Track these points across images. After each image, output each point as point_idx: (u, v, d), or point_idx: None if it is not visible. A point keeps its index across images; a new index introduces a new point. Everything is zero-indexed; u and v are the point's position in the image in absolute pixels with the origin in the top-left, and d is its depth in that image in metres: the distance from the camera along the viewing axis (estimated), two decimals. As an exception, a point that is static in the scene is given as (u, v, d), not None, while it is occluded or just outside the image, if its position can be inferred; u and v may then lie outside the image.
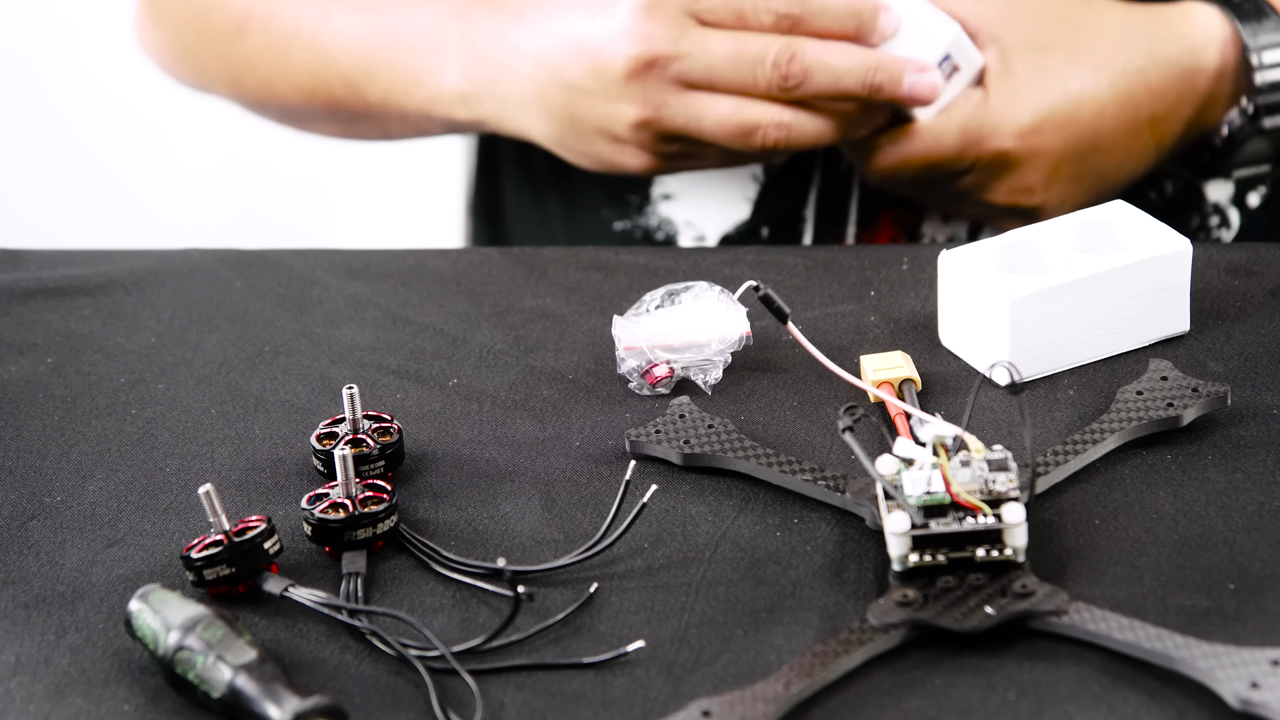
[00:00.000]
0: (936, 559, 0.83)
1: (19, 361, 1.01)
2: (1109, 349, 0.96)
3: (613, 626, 0.83)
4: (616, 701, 0.80)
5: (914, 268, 1.04)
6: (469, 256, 1.11)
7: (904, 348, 0.98)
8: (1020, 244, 0.98)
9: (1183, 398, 0.92)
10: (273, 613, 0.85)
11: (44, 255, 1.10)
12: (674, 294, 0.98)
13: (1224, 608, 0.82)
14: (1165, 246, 0.96)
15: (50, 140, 2.19)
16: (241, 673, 0.79)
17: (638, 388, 0.96)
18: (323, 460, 0.91)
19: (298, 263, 1.08)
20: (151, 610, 0.81)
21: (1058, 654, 0.80)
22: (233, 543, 0.85)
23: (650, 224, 1.20)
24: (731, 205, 1.18)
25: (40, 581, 0.87)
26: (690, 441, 0.92)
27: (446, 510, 0.90)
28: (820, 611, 0.83)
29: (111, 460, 0.94)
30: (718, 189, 1.18)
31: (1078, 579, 0.84)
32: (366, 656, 0.82)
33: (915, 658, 0.81)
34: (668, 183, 1.19)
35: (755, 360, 0.98)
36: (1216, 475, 0.89)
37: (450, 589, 0.86)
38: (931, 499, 0.83)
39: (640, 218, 1.20)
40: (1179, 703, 0.78)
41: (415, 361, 1.00)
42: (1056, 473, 0.89)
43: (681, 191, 1.19)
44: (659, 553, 0.87)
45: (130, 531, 0.90)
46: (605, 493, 0.90)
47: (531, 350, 1.00)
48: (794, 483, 0.89)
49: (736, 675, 0.80)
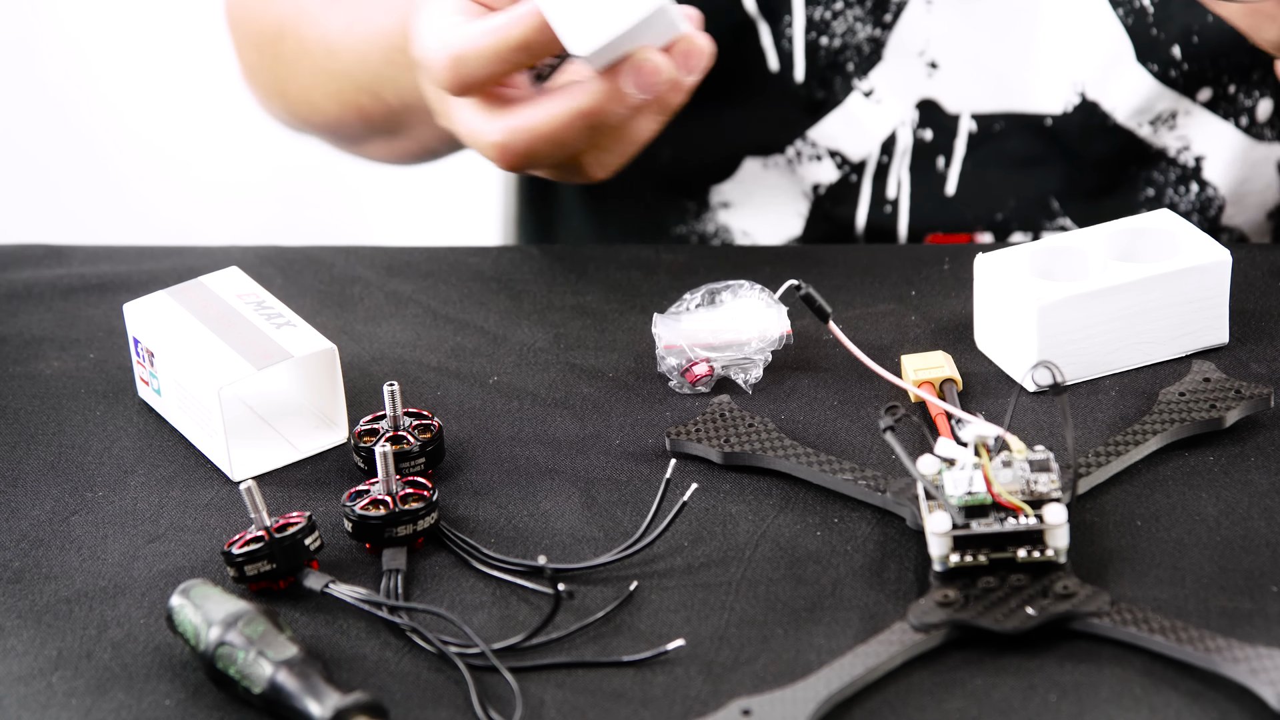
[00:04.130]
0: (978, 559, 0.82)
1: (61, 357, 1.02)
2: (1143, 359, 0.96)
3: (653, 625, 0.83)
4: (656, 700, 0.80)
5: (955, 268, 1.04)
6: (509, 254, 1.11)
7: (945, 348, 0.97)
8: (1058, 249, 0.97)
9: (1225, 399, 0.92)
10: (313, 609, 0.85)
11: (87, 251, 1.10)
12: (715, 292, 0.98)
13: (1266, 610, 0.82)
14: (1203, 257, 0.95)
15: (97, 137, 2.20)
16: (282, 668, 0.79)
17: (678, 386, 0.96)
18: (363, 457, 0.92)
19: (339, 260, 1.08)
20: (193, 606, 0.82)
21: (1099, 655, 0.80)
22: (274, 539, 0.85)
23: (707, 230, 1.20)
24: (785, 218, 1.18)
25: (82, 576, 0.87)
26: (730, 440, 0.92)
27: (486, 507, 0.90)
28: (861, 611, 0.83)
29: (153, 456, 0.94)
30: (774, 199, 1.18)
31: (1119, 580, 0.83)
32: (406, 653, 0.83)
33: (956, 658, 0.81)
34: (725, 190, 1.18)
35: (796, 359, 0.98)
36: (1259, 477, 0.89)
37: (490, 586, 0.86)
38: (973, 499, 0.83)
39: (697, 224, 1.20)
40: (1221, 705, 0.78)
41: (456, 359, 1.00)
42: (1098, 474, 0.89)
43: (739, 200, 1.19)
44: (699, 551, 0.87)
45: (172, 527, 0.90)
46: (645, 491, 0.90)
47: (572, 348, 1.00)
48: (834, 482, 0.89)
49: (776, 674, 0.80)
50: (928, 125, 1.14)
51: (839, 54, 1.13)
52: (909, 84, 1.14)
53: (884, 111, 1.14)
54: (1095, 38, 1.12)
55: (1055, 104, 1.13)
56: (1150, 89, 1.12)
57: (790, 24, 1.13)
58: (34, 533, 0.90)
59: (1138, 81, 1.12)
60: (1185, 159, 1.15)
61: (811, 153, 1.16)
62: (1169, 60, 1.12)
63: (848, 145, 1.15)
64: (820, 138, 1.15)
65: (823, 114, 1.15)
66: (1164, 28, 1.11)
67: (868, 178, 1.16)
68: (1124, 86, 1.13)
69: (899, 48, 1.13)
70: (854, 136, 1.15)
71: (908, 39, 1.13)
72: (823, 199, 1.17)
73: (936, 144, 1.15)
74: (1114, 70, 1.12)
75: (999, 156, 1.15)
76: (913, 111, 1.14)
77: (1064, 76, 1.13)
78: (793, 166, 1.16)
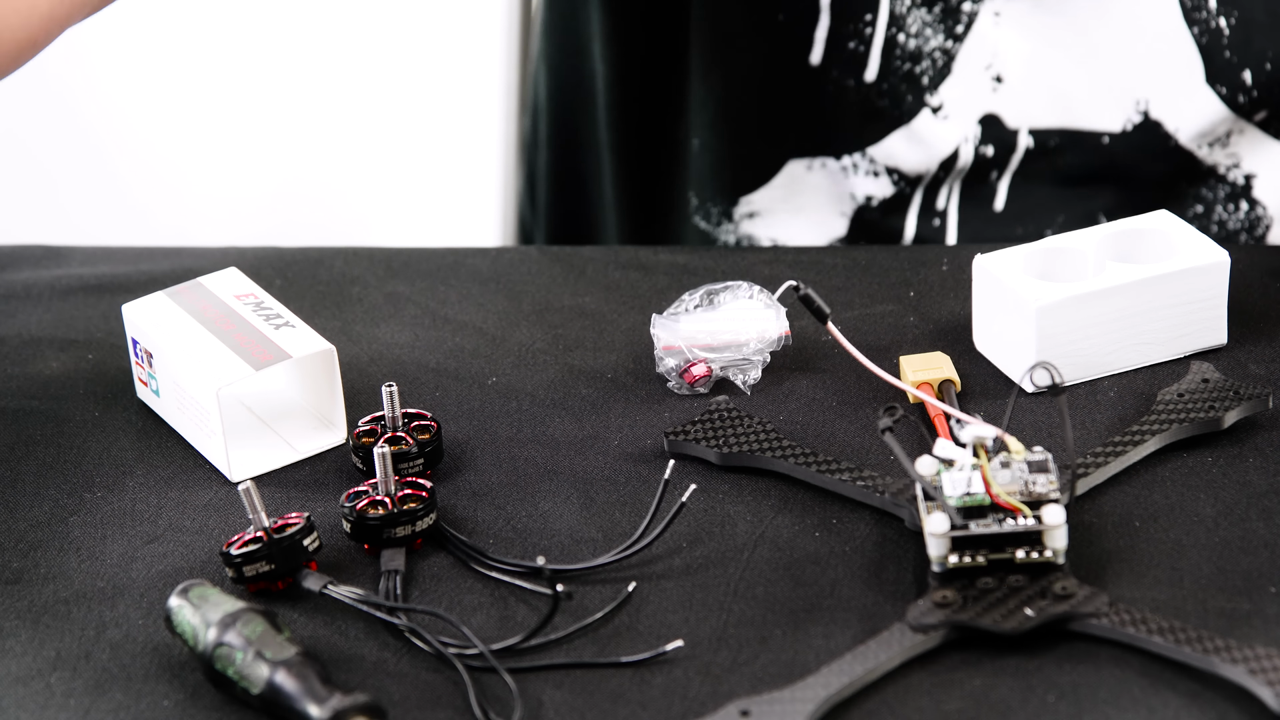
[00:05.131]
0: (976, 560, 0.82)
1: (60, 357, 1.02)
2: (1142, 359, 0.96)
3: (651, 626, 0.83)
4: (655, 701, 0.80)
5: (954, 269, 1.04)
6: (508, 255, 1.11)
7: (943, 348, 0.98)
8: (1056, 250, 0.97)
9: (1224, 400, 0.92)
10: (312, 610, 0.85)
11: (86, 252, 1.10)
12: (713, 293, 0.98)
13: (1265, 610, 0.82)
14: (1202, 258, 0.95)
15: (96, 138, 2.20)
16: (281, 669, 0.79)
17: (676, 387, 0.96)
18: (362, 458, 0.92)
19: (337, 261, 1.08)
20: (191, 606, 0.82)
21: (1098, 656, 0.80)
22: (272, 539, 0.85)
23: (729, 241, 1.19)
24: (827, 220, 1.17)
25: (80, 577, 0.87)
26: (729, 441, 0.92)
27: (485, 508, 0.90)
28: (859, 612, 0.83)
29: (151, 457, 0.94)
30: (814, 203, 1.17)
31: (1118, 581, 0.83)
32: (405, 654, 0.83)
33: (954, 659, 0.81)
34: (755, 201, 1.18)
35: (794, 360, 0.98)
36: (1258, 478, 0.89)
37: (489, 587, 0.86)
38: (971, 500, 0.83)
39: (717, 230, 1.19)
40: (1219, 705, 0.78)
41: (454, 360, 1.00)
42: (1097, 474, 0.89)
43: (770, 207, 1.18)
44: (697, 552, 0.87)
45: (170, 528, 0.90)
46: (644, 492, 0.90)
47: (570, 349, 1.00)
48: (833, 483, 0.89)
49: (775, 675, 0.80)
50: (989, 141, 1.13)
51: (914, 62, 1.11)
52: (975, 99, 1.12)
53: (949, 129, 1.13)
54: (1166, 56, 1.10)
55: (1115, 122, 1.12)
56: (1216, 112, 1.11)
57: (872, 20, 1.11)
58: (32, 533, 0.90)
59: (1204, 103, 1.11)
60: (1235, 176, 1.13)
61: (869, 168, 1.15)
62: (1238, 84, 1.10)
63: (908, 162, 1.14)
64: (881, 155, 1.14)
65: (888, 130, 1.13)
66: (1238, 51, 1.09)
67: (919, 190, 1.15)
68: (1189, 108, 1.11)
69: (968, 61, 1.11)
70: (916, 155, 1.13)
71: (976, 52, 1.11)
72: (872, 209, 1.16)
73: (994, 160, 1.13)
74: (1181, 91, 1.11)
75: (1051, 173, 1.13)
76: (975, 127, 1.13)
77: (1128, 94, 1.11)
78: (846, 174, 1.15)
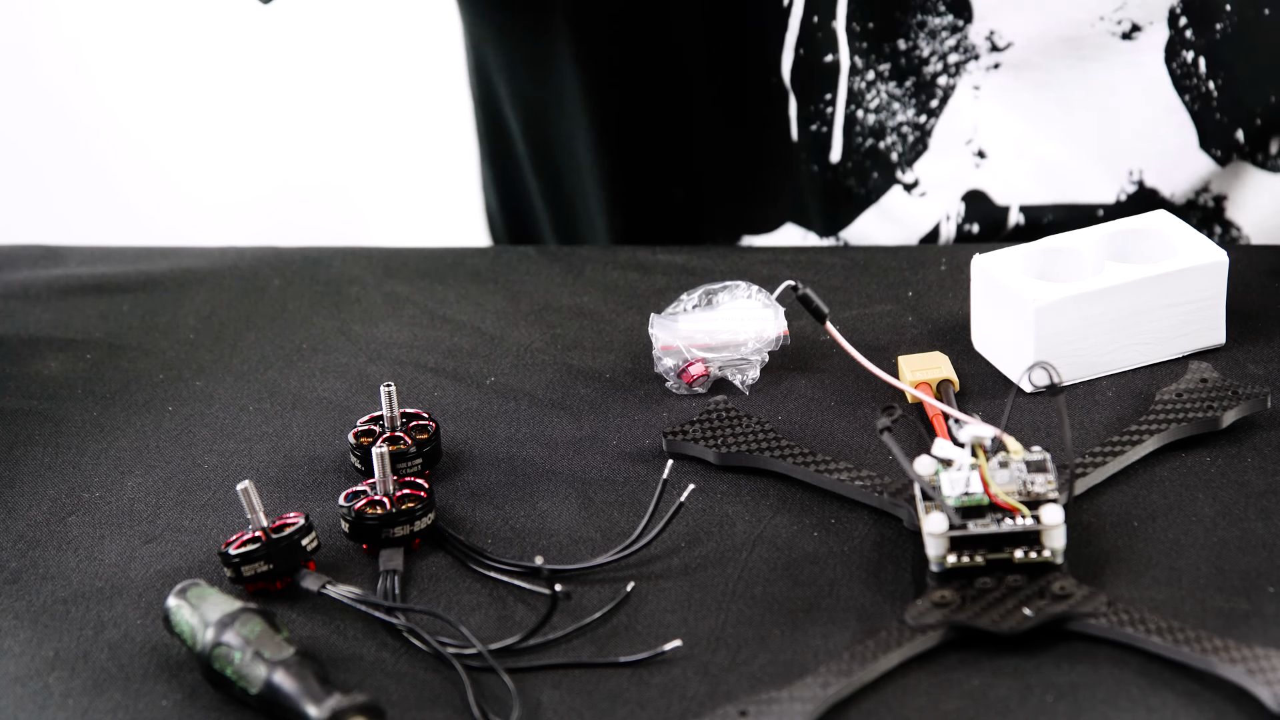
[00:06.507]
0: (974, 560, 0.82)
1: (59, 357, 1.02)
2: (1141, 359, 0.96)
3: (649, 626, 0.83)
4: (653, 701, 0.80)
5: (952, 269, 1.04)
6: (506, 255, 1.11)
7: (941, 348, 0.98)
8: (1055, 250, 0.97)
9: (1222, 400, 0.92)
10: (310, 609, 0.85)
11: (84, 252, 1.10)
12: (711, 293, 0.98)
13: (1263, 610, 0.82)
14: (1200, 258, 0.95)
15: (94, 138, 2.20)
16: (279, 669, 0.79)
17: (675, 387, 0.96)
18: (360, 457, 0.92)
19: (336, 261, 1.08)
20: (189, 606, 0.82)
21: (1096, 656, 0.80)
22: (270, 539, 0.85)
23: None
24: None
25: (79, 577, 0.87)
26: (727, 441, 0.92)
27: (483, 508, 0.90)
28: (857, 612, 0.83)
29: (150, 456, 0.94)
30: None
31: (1116, 581, 0.83)
32: (403, 654, 0.83)
33: (953, 659, 0.81)
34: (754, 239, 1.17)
35: (793, 360, 0.98)
36: (1256, 478, 0.89)
37: (487, 587, 0.86)
38: (970, 500, 0.83)
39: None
40: (1218, 705, 0.78)
41: (452, 359, 1.00)
42: (1095, 474, 0.89)
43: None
44: (696, 552, 0.87)
45: (168, 528, 0.90)
46: (642, 492, 0.90)
47: (569, 349, 1.00)
48: (831, 483, 0.89)
49: (773, 675, 0.80)
50: (974, 219, 1.12)
51: (878, 138, 1.10)
52: (956, 175, 1.11)
53: (926, 206, 1.12)
54: (1158, 126, 1.09)
55: (1109, 193, 1.11)
56: (1211, 172, 1.10)
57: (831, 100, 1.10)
58: (31, 533, 0.90)
59: (1200, 167, 1.10)
60: (1204, 200, 1.13)
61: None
62: (1232, 144, 1.09)
63: (885, 243, 1.12)
64: (855, 237, 1.13)
65: (858, 211, 1.12)
66: (1228, 112, 1.09)
67: None
68: (1185, 174, 1.10)
69: (946, 136, 1.10)
70: (892, 234, 1.12)
71: (955, 127, 1.10)
72: None
73: (982, 237, 1.12)
74: (1177, 158, 1.10)
75: None
76: (959, 204, 1.12)
77: (1121, 165, 1.10)
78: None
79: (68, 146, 2.20)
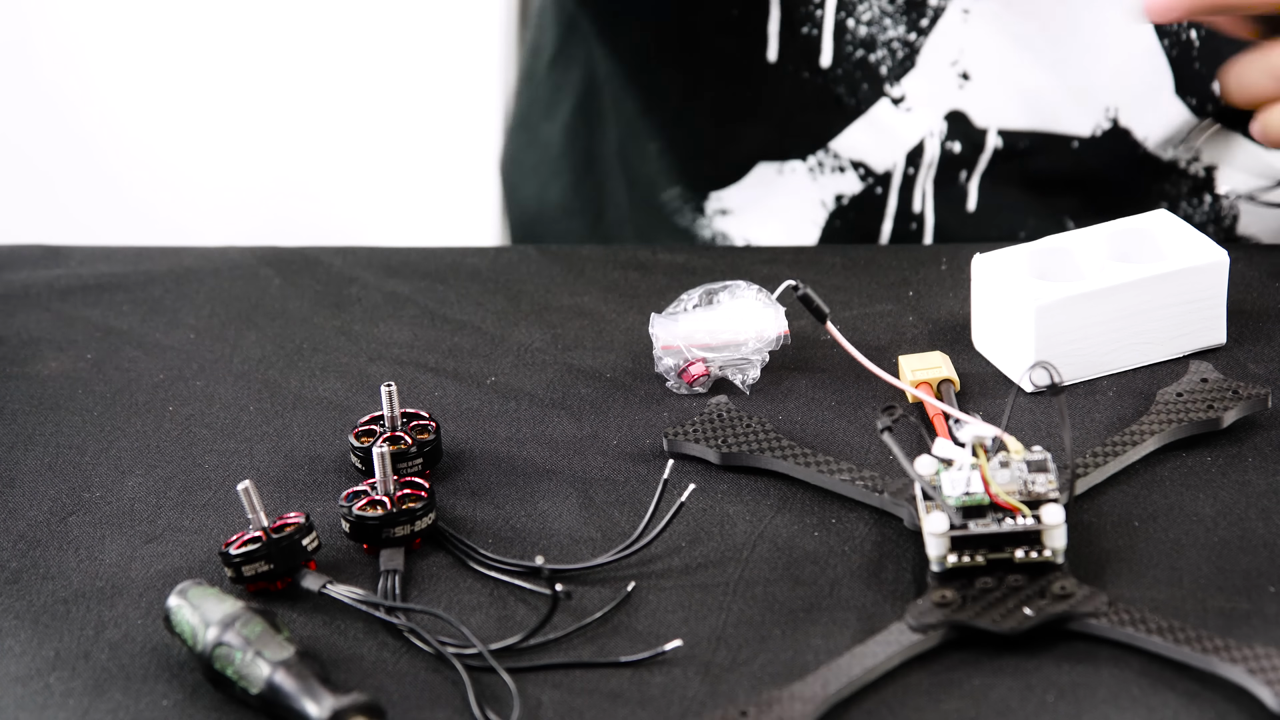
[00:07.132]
0: (975, 560, 0.82)
1: (59, 357, 1.02)
2: (1141, 359, 0.96)
3: (650, 625, 0.83)
4: (654, 701, 0.80)
5: (952, 268, 1.04)
6: (507, 254, 1.11)
7: (942, 348, 0.98)
8: (1055, 249, 0.97)
9: (1223, 400, 0.92)
10: (310, 609, 0.85)
11: (84, 251, 1.10)
12: (712, 293, 0.98)
13: (1264, 610, 0.82)
14: (1201, 257, 0.95)
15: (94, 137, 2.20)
16: (280, 669, 0.79)
17: (675, 386, 0.96)
18: (361, 457, 0.92)
19: (336, 260, 1.08)
20: (190, 606, 0.82)
21: (1096, 656, 0.80)
22: (271, 539, 0.85)
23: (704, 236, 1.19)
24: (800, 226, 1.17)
25: (79, 577, 0.87)
26: (728, 441, 0.92)
27: (484, 508, 0.90)
28: (858, 612, 0.83)
29: (150, 456, 0.94)
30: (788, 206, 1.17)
31: (1117, 581, 0.83)
32: (404, 654, 0.83)
33: (953, 659, 0.81)
34: (726, 198, 1.18)
35: (793, 360, 0.98)
36: (1257, 478, 0.89)
37: (488, 587, 0.86)
38: (970, 500, 0.83)
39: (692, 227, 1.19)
40: (1218, 705, 0.78)
41: (453, 359, 1.00)
42: (1096, 474, 0.89)
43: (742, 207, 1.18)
44: (696, 552, 0.87)
45: (169, 527, 0.90)
46: (643, 492, 0.90)
47: (569, 349, 1.00)
48: (832, 483, 0.89)
49: (774, 675, 0.80)
50: (956, 137, 1.13)
51: (869, 50, 1.11)
52: (941, 94, 1.12)
53: (912, 121, 1.13)
54: (1137, 67, 1.11)
55: (1084, 127, 1.12)
56: (1184, 120, 1.11)
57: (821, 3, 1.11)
58: (31, 533, 0.90)
59: (1173, 113, 1.11)
60: (1195, 169, 1.14)
61: (835, 164, 1.15)
62: (1207, 95, 1.10)
63: (873, 156, 1.14)
64: (844, 149, 1.14)
65: (848, 121, 1.13)
66: (1207, 63, 1.10)
67: (894, 190, 1.15)
68: (1159, 117, 1.11)
69: (933, 55, 1.12)
70: (880, 147, 1.14)
71: (942, 47, 1.11)
72: (845, 209, 1.16)
73: (962, 158, 1.14)
74: (1151, 100, 1.11)
75: (1020, 175, 1.14)
76: (941, 123, 1.13)
77: (1098, 101, 1.12)
78: (814, 175, 1.15)
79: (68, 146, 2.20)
